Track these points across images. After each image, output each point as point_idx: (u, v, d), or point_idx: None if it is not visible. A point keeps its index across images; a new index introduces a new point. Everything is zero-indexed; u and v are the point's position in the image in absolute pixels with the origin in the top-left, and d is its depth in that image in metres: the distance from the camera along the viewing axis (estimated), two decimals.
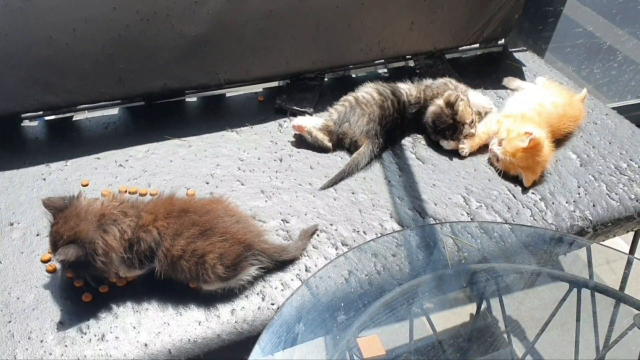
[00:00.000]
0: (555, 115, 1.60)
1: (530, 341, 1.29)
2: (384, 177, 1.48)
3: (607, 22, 2.76)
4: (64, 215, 1.09)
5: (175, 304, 1.13)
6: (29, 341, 1.05)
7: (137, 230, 1.10)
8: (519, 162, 1.46)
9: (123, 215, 1.11)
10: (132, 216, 1.11)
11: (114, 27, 1.45)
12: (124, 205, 1.13)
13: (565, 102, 1.64)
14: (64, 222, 1.08)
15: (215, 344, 1.10)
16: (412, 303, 1.19)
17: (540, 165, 1.48)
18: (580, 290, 1.25)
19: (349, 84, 1.83)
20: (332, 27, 1.70)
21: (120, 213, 1.11)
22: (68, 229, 1.07)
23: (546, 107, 1.61)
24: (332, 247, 1.28)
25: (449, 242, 1.28)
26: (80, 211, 1.09)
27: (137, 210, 1.13)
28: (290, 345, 1.01)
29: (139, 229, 1.10)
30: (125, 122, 1.62)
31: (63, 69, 1.47)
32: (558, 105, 1.62)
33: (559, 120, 1.61)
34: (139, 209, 1.13)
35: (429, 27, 1.84)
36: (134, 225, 1.10)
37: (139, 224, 1.10)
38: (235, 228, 1.14)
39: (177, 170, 1.44)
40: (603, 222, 1.44)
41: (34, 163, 1.43)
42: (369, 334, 1.06)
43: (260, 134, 1.59)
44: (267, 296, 1.17)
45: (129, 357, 1.05)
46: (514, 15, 1.97)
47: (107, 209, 1.11)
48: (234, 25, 1.57)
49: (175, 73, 1.60)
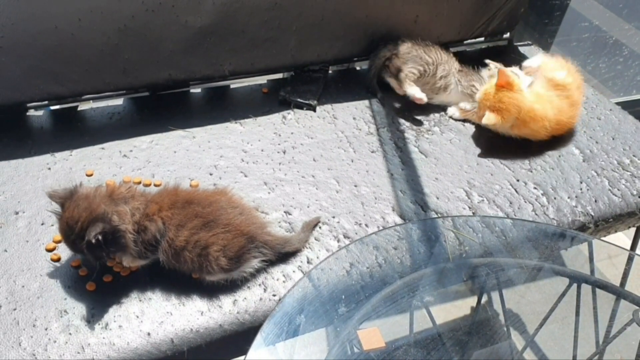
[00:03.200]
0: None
1: (530, 334, 1.30)
2: (387, 170, 1.49)
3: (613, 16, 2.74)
4: (73, 201, 1.09)
5: (178, 294, 1.15)
6: (34, 329, 1.07)
7: (143, 218, 1.11)
8: (486, 102, 1.49)
9: (132, 198, 1.12)
10: (140, 201, 1.12)
11: (119, 18, 1.46)
12: (132, 190, 1.15)
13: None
14: (75, 206, 1.08)
15: (217, 334, 1.11)
16: (412, 296, 1.19)
17: (507, 107, 1.48)
18: (580, 285, 1.25)
19: (353, 77, 1.84)
20: (336, 19, 1.70)
21: (129, 195, 1.12)
22: (83, 209, 1.07)
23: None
24: (334, 240, 1.29)
25: (451, 235, 1.29)
26: (89, 194, 1.10)
27: (144, 198, 1.14)
28: (292, 336, 1.02)
29: (145, 218, 1.11)
30: (129, 112, 1.62)
31: (68, 59, 1.47)
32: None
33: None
34: (146, 197, 1.14)
35: (433, 20, 1.83)
36: (142, 211, 1.11)
37: (145, 212, 1.11)
38: (238, 220, 1.14)
39: (180, 161, 1.45)
40: (605, 217, 1.45)
41: (39, 152, 1.44)
42: (369, 326, 1.07)
43: (264, 126, 1.60)
44: (269, 287, 1.18)
45: (132, 345, 1.07)
46: (520, 8, 1.96)
47: (115, 191, 1.12)
48: (238, 16, 1.57)
49: (180, 64, 1.60)
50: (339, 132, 1.60)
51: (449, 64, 1.72)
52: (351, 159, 1.51)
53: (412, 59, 1.69)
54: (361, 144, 1.56)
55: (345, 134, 1.59)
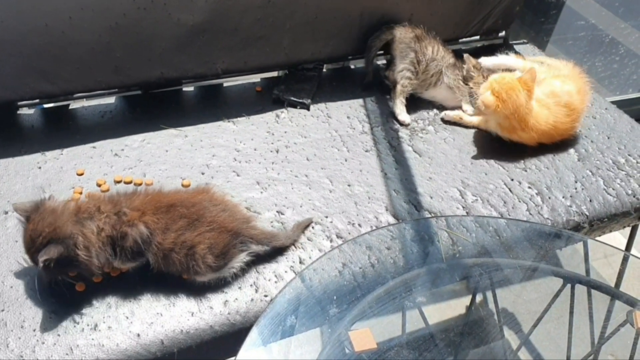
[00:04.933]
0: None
1: (525, 334, 1.30)
2: (381, 169, 1.48)
3: (610, 14, 2.74)
4: (39, 214, 1.07)
5: (169, 295, 1.13)
6: (22, 330, 1.05)
7: (120, 225, 1.09)
8: (496, 85, 1.47)
9: (97, 212, 1.09)
10: (108, 212, 1.10)
11: (111, 16, 1.44)
12: (99, 201, 1.12)
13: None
14: (41, 219, 1.05)
15: (208, 335, 1.10)
16: (405, 296, 1.18)
17: (509, 101, 1.47)
18: (574, 285, 1.24)
19: (347, 75, 1.83)
20: (330, 17, 1.69)
21: (95, 209, 1.10)
22: (47, 225, 1.05)
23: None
24: (327, 240, 1.28)
25: (444, 235, 1.28)
26: (56, 209, 1.08)
27: (113, 206, 1.11)
28: (283, 337, 1.01)
29: (123, 225, 1.09)
30: (121, 111, 1.61)
31: (59, 57, 1.46)
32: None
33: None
34: (116, 204, 1.12)
35: (428, 18, 1.82)
36: (113, 221, 1.09)
37: (123, 220, 1.09)
38: (221, 217, 1.14)
39: (172, 160, 1.44)
40: (599, 217, 1.44)
41: (29, 151, 1.43)
42: (361, 327, 1.06)
43: (257, 125, 1.59)
44: (260, 288, 1.17)
45: (122, 347, 1.06)
46: (515, 7, 1.95)
47: (81, 208, 1.10)
48: (231, 14, 1.56)
49: (172, 62, 1.59)
50: (332, 131, 1.59)
51: (444, 60, 1.71)
52: (345, 158, 1.50)
53: (406, 54, 1.68)
54: (355, 143, 1.55)
55: (339, 133, 1.58)
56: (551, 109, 1.53)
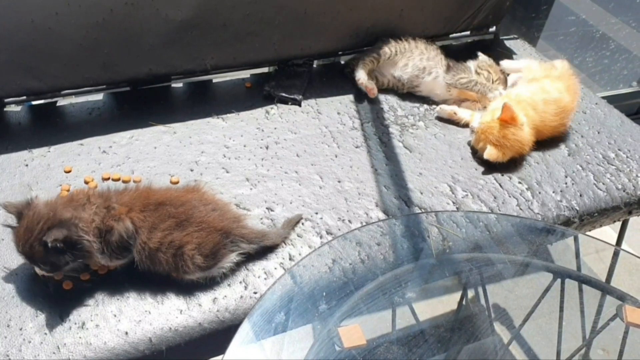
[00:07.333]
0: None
1: (516, 329, 1.30)
2: (371, 165, 1.47)
3: (600, 9, 2.74)
4: (32, 208, 1.06)
5: (157, 293, 1.12)
6: (8, 329, 1.04)
7: (107, 219, 1.08)
8: (490, 135, 1.45)
9: (88, 202, 1.09)
10: (98, 204, 1.09)
11: (98, 11, 1.43)
12: (87, 194, 1.11)
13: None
14: (36, 211, 1.05)
15: (197, 333, 1.10)
16: (395, 292, 1.18)
17: (511, 145, 1.46)
18: (564, 280, 1.24)
19: (338, 71, 1.82)
20: (320, 12, 1.68)
21: (85, 200, 1.09)
22: (44, 215, 1.04)
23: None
24: (317, 236, 1.28)
25: (434, 231, 1.27)
26: (49, 202, 1.07)
27: (104, 200, 1.10)
28: (272, 334, 1.01)
29: (110, 218, 1.08)
30: (109, 107, 1.60)
31: (46, 54, 1.44)
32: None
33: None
34: (106, 198, 1.11)
35: (418, 13, 1.82)
36: (103, 214, 1.08)
37: (111, 213, 1.09)
38: (211, 216, 1.13)
39: (161, 157, 1.43)
40: (589, 212, 1.44)
41: (16, 149, 1.41)
42: (351, 323, 1.05)
43: (246, 121, 1.58)
44: (249, 285, 1.16)
45: (110, 345, 1.05)
46: (506, 2, 1.95)
47: (74, 197, 1.10)
48: (220, 10, 1.55)
49: (161, 58, 1.58)
50: (323, 127, 1.58)
51: (435, 60, 1.71)
52: (335, 155, 1.49)
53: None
54: (345, 139, 1.55)
55: (329, 129, 1.58)
56: (539, 108, 1.53)
